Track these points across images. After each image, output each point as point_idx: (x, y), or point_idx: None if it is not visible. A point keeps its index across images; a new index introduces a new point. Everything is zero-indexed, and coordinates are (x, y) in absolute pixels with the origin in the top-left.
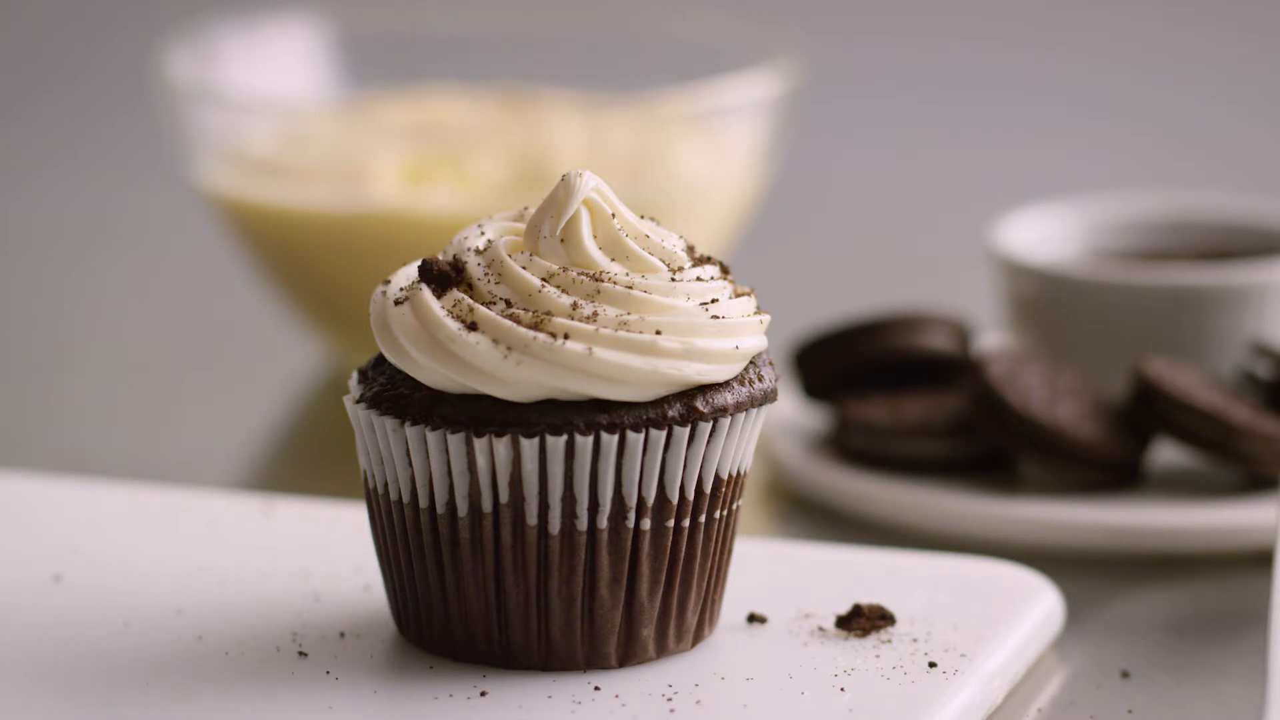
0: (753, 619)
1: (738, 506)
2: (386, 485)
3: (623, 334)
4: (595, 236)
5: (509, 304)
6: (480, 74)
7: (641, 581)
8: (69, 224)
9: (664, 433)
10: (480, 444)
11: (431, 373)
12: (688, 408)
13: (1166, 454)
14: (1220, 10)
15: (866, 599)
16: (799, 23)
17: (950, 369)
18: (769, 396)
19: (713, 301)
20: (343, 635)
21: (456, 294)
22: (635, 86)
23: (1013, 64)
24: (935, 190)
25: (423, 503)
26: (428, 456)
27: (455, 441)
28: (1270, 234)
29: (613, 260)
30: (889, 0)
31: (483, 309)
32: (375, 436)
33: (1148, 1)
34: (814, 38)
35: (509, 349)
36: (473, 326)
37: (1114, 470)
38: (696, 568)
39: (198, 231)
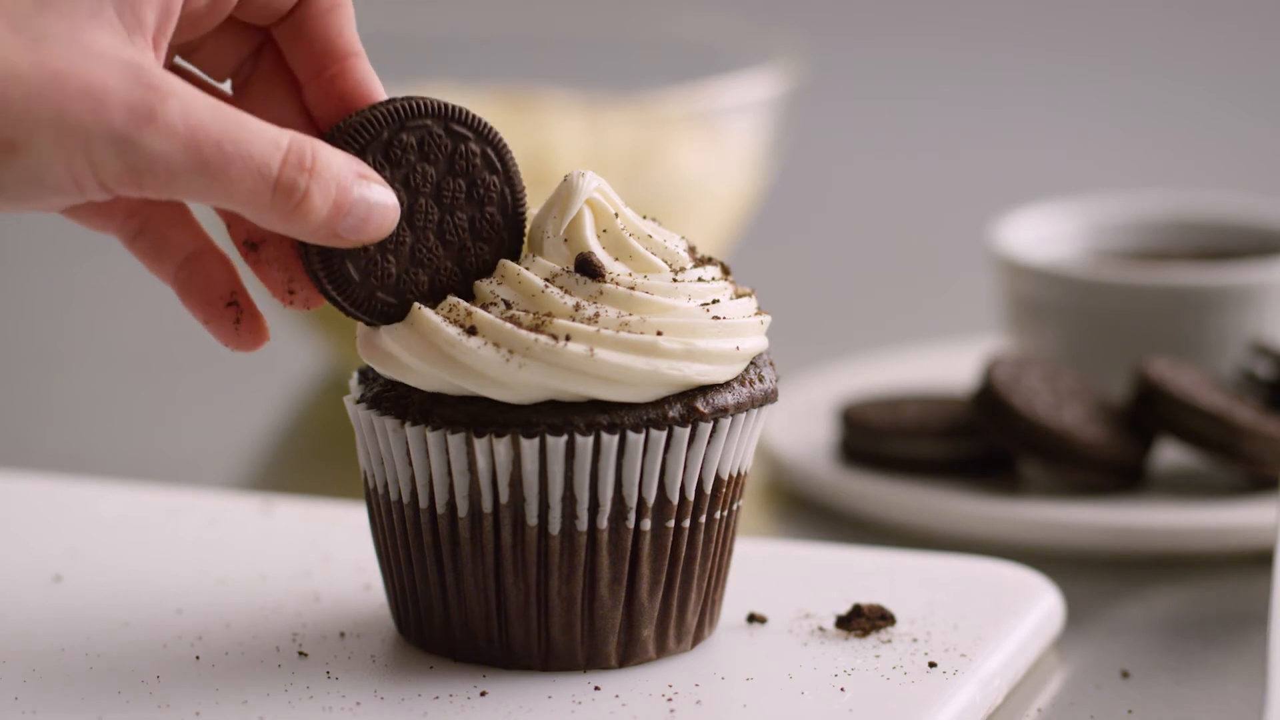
0: (753, 619)
1: (738, 507)
2: (386, 485)
3: (624, 335)
4: (598, 236)
5: (508, 305)
6: (480, 74)
7: (642, 582)
8: (69, 224)
9: (664, 433)
10: (480, 444)
11: (429, 378)
12: (688, 408)
13: (1168, 455)
14: (1220, 10)
15: (866, 599)
16: (799, 23)
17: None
18: (769, 397)
19: (714, 302)
20: (343, 635)
21: (451, 299)
22: (635, 86)
23: (1013, 64)
24: (935, 190)
25: (423, 503)
26: (428, 456)
27: (455, 442)
28: (1270, 234)
29: (616, 260)
30: (889, 0)
31: (480, 312)
32: (375, 437)
33: (1148, 2)
34: (814, 38)
35: (510, 352)
36: (472, 331)
37: (1118, 472)
38: (697, 568)
39: None
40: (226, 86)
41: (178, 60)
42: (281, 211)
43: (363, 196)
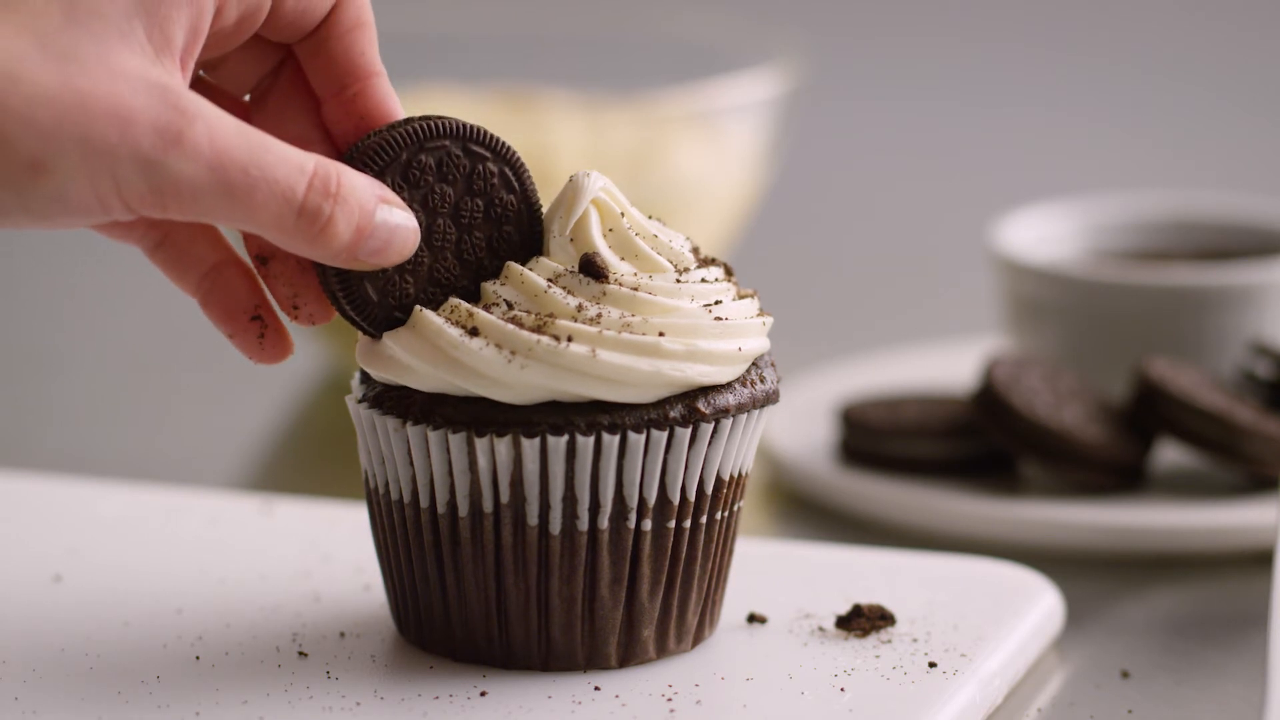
0: (753, 619)
1: (739, 508)
2: (387, 485)
3: (626, 336)
4: (604, 236)
5: (510, 305)
6: (480, 74)
7: (642, 582)
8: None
9: (665, 433)
10: (481, 444)
11: (431, 379)
12: (689, 409)
13: (1168, 455)
14: (1220, 10)
15: (866, 599)
16: (799, 23)
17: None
18: (770, 398)
19: (716, 303)
20: (343, 635)
21: (452, 300)
22: (635, 86)
23: (1013, 64)
24: (935, 190)
25: (424, 502)
26: (429, 456)
27: (456, 441)
28: (1270, 234)
29: (621, 260)
30: (889, 0)
31: (482, 313)
32: (377, 436)
33: (1148, 1)
34: (814, 38)
35: (513, 353)
36: (474, 332)
37: (1118, 472)
38: (697, 569)
39: None
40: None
41: (200, 74)
42: (305, 236)
43: (384, 221)
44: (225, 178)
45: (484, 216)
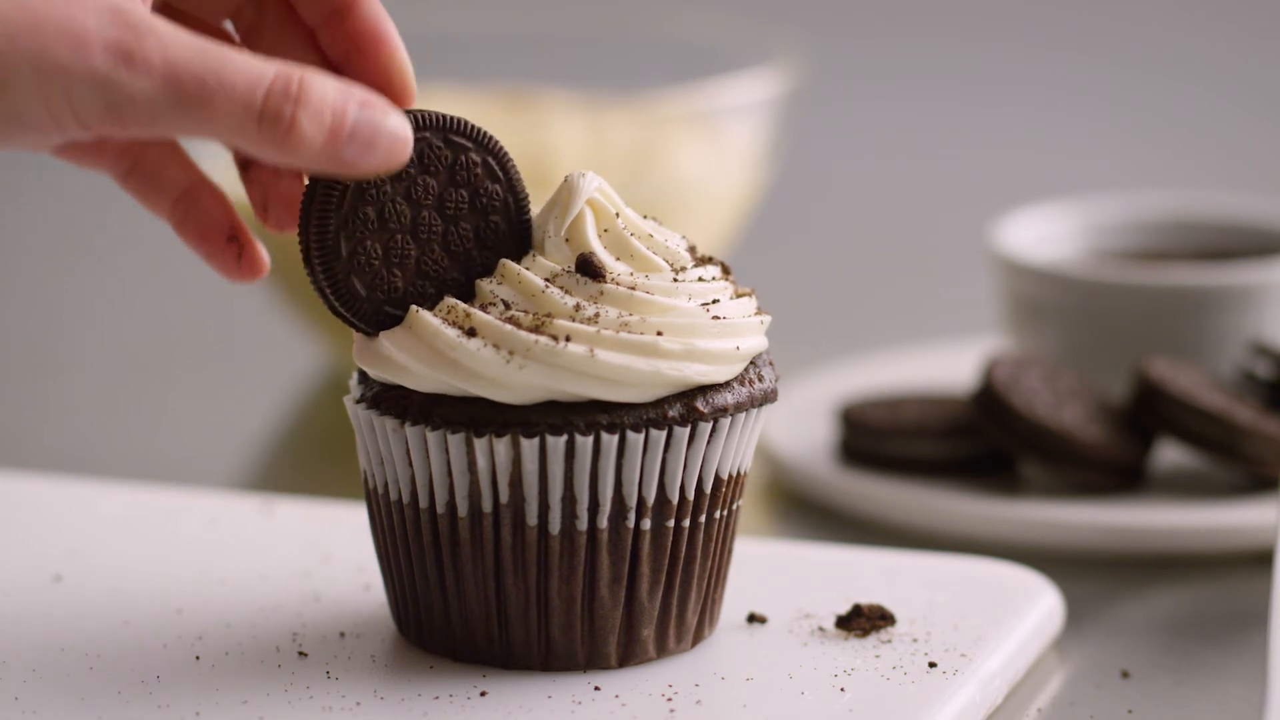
0: (753, 619)
1: (738, 507)
2: (386, 485)
3: (624, 335)
4: (600, 236)
5: (507, 305)
6: (480, 74)
7: (642, 581)
8: (70, 223)
9: (664, 433)
10: (480, 444)
11: (429, 380)
12: (688, 408)
13: (1168, 455)
14: (1220, 10)
15: (866, 599)
16: (799, 23)
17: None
18: (769, 397)
19: (714, 302)
20: (343, 635)
21: (448, 300)
22: (635, 86)
23: (1013, 64)
24: (935, 190)
25: (423, 503)
26: (428, 456)
27: (455, 442)
28: (1270, 234)
29: (617, 260)
30: (889, 0)
31: (479, 313)
32: (375, 436)
33: (1148, 1)
34: (814, 38)
35: (510, 353)
36: (471, 332)
37: (1118, 472)
38: (696, 568)
39: None
40: (229, 30)
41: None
42: (271, 140)
43: (364, 121)
44: (180, 90)
45: (469, 207)
